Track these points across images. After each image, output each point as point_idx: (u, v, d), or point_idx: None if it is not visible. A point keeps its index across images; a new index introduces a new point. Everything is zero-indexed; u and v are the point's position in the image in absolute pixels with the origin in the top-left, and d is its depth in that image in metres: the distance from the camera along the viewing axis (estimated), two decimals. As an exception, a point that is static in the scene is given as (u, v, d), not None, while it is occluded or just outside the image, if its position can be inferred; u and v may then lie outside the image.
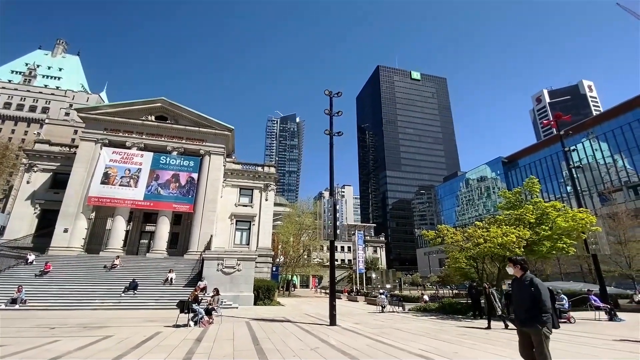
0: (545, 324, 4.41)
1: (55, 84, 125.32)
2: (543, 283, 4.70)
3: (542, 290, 4.58)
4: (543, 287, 4.62)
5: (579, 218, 16.01)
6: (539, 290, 4.57)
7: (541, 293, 4.57)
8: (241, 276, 23.29)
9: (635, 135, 57.29)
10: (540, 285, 4.63)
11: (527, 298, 4.65)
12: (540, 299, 4.54)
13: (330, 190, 15.03)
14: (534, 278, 4.72)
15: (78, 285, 21.96)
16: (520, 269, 4.92)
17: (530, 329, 4.54)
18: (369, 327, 13.16)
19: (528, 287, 4.68)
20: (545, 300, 4.52)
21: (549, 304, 4.51)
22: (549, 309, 4.46)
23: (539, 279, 4.73)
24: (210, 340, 9.56)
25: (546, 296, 4.55)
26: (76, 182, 29.86)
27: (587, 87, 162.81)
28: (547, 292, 4.60)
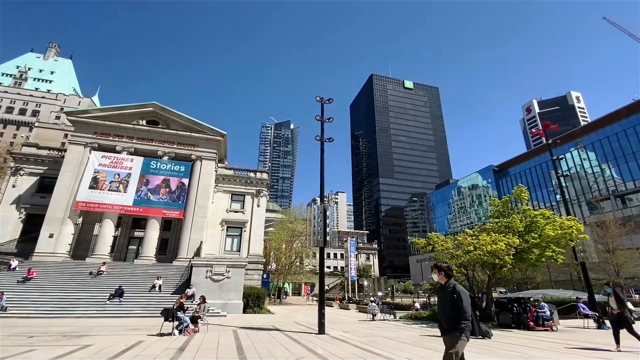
0: (463, 331, 4.27)
1: (46, 87, 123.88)
2: (465, 290, 4.59)
3: (462, 297, 4.45)
4: (464, 294, 4.49)
5: (566, 226, 16.15)
6: (460, 297, 4.44)
7: (462, 300, 4.44)
8: (230, 283, 22.92)
9: (622, 145, 58.59)
10: (462, 292, 4.51)
11: (448, 305, 4.54)
12: (461, 305, 4.41)
13: (321, 196, 14.95)
14: (457, 285, 4.60)
15: (62, 292, 21.35)
16: (444, 276, 4.80)
17: (449, 335, 4.44)
18: (358, 335, 12.99)
19: (450, 294, 4.55)
20: (465, 307, 4.38)
21: (468, 311, 4.37)
22: (468, 317, 4.32)
23: (461, 286, 4.61)
24: (193, 349, 9.29)
25: (467, 303, 4.42)
26: (63, 187, 29.27)
27: (575, 98, 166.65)
28: (467, 299, 4.47)
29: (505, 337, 12.86)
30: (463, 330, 4.28)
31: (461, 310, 4.35)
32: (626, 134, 58.14)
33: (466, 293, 4.53)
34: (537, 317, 14.86)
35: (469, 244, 17.03)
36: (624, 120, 58.88)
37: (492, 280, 18.55)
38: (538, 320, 14.76)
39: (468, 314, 4.32)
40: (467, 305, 4.39)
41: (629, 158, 57.21)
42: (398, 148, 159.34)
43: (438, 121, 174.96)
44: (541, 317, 14.82)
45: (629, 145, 57.42)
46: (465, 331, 4.27)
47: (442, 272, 4.80)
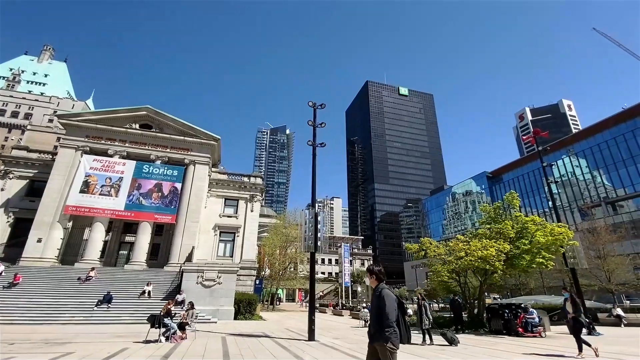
0: (387, 339, 3.93)
1: (40, 90, 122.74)
2: (392, 294, 4.24)
3: (386, 301, 4.11)
4: (388, 298, 4.15)
5: (557, 232, 16.25)
6: (383, 301, 4.11)
7: (385, 305, 4.09)
8: (222, 289, 22.62)
9: (612, 152, 59.50)
10: (387, 296, 4.17)
11: (375, 311, 4.23)
12: (384, 311, 4.06)
13: (312, 200, 14.89)
14: (384, 289, 4.28)
15: (48, 298, 20.88)
16: (375, 279, 4.50)
17: (376, 344, 4.08)
18: (347, 342, 12.85)
19: (377, 298, 4.25)
20: (388, 313, 4.04)
21: (392, 317, 4.03)
22: (391, 323, 3.98)
23: (388, 290, 4.28)
24: (178, 356, 9.10)
25: (390, 308, 4.07)
26: (53, 190, 28.84)
27: (567, 106, 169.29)
28: (392, 304, 4.12)
29: (476, 343, 12.80)
30: (388, 338, 3.93)
31: (384, 316, 4.03)
32: (616, 141, 59.09)
33: (391, 297, 4.20)
34: (526, 323, 14.83)
35: (461, 250, 17.04)
36: (614, 128, 59.89)
37: (484, 286, 18.54)
38: (527, 327, 14.73)
39: (391, 320, 4.00)
40: (391, 311, 4.06)
41: (619, 165, 58.06)
42: (393, 154, 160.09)
43: (432, 127, 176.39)
44: (530, 323, 14.79)
45: (619, 153, 58.33)
46: (390, 339, 3.93)
47: (374, 275, 4.51)
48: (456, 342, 11.71)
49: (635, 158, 55.43)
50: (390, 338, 3.93)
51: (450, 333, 12.15)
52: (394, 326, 4.00)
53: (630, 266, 34.52)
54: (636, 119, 56.21)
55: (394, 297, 4.22)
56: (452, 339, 11.80)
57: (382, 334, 3.97)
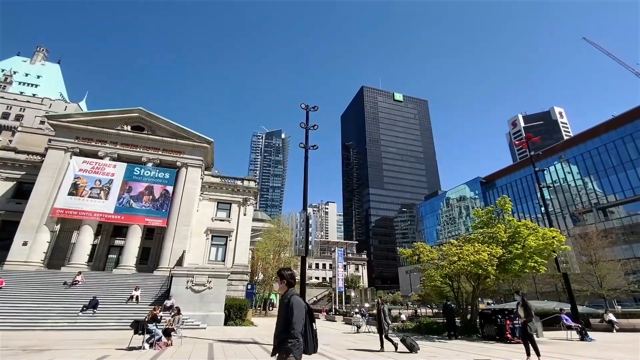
0: (289, 351, 3.58)
1: (32, 91, 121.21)
2: (301, 301, 3.91)
3: (294, 309, 3.78)
4: (297, 306, 3.82)
5: (549, 237, 16.23)
6: (292, 310, 3.77)
7: (293, 313, 3.74)
8: (212, 294, 22.19)
9: (603, 159, 60.34)
10: (295, 303, 3.84)
11: (281, 320, 3.87)
12: (291, 320, 3.72)
13: (304, 204, 14.69)
14: (294, 296, 3.97)
15: (32, 303, 20.26)
16: (285, 285, 4.14)
17: (278, 356, 3.76)
18: (338, 348, 12.57)
19: (285, 307, 3.89)
20: (294, 323, 3.69)
21: (298, 328, 3.69)
22: (297, 333, 3.66)
23: (298, 297, 3.97)
24: (161, 364, 8.77)
25: (298, 317, 3.74)
26: (40, 192, 28.22)
27: (558, 113, 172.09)
28: (300, 313, 3.80)
29: (442, 349, 12.51)
30: (290, 350, 3.58)
31: (290, 326, 3.68)
32: (606, 148, 59.96)
33: (300, 305, 3.87)
34: (513, 328, 14.65)
35: (454, 254, 16.92)
36: (604, 135, 60.82)
37: (477, 291, 18.41)
38: (515, 332, 14.53)
39: (298, 330, 3.67)
40: (298, 320, 3.73)
41: (609, 172, 58.85)
42: (388, 159, 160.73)
43: (427, 133, 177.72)
44: (517, 328, 14.60)
45: (609, 159, 59.16)
46: (292, 351, 3.57)
47: (284, 280, 4.15)
48: (416, 348, 11.23)
49: (625, 164, 56.26)
50: (291, 350, 3.59)
51: (410, 339, 11.59)
52: (299, 337, 3.68)
53: (621, 271, 34.78)
54: (626, 126, 57.15)
55: (304, 305, 3.93)
56: (411, 345, 11.31)
57: (284, 345, 3.64)
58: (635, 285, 38.18)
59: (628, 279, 35.75)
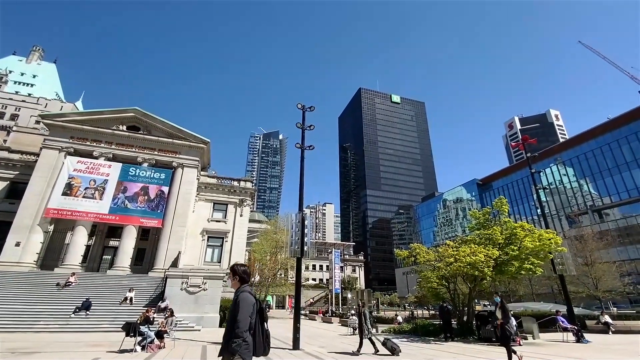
0: (234, 352, 3.29)
1: (27, 90, 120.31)
2: (250, 298, 3.59)
3: (241, 306, 3.47)
4: (244, 302, 3.51)
5: (545, 238, 16.20)
6: (238, 307, 3.49)
7: (239, 310, 3.46)
8: (207, 296, 21.97)
9: (598, 161, 60.74)
10: (243, 300, 3.53)
11: (229, 318, 3.59)
12: (236, 318, 3.44)
13: (300, 204, 14.58)
14: (243, 292, 3.64)
15: (23, 305, 19.93)
16: (238, 281, 3.82)
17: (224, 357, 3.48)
18: (333, 350, 12.44)
19: (233, 303, 3.60)
20: (239, 321, 3.41)
21: (244, 326, 3.40)
22: (242, 332, 3.36)
23: (248, 293, 3.64)
24: (152, 367, 8.61)
25: (243, 315, 3.44)
26: (34, 192, 27.89)
27: (554, 115, 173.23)
28: (247, 309, 3.49)
29: (439, 352, 12.38)
30: (234, 351, 3.29)
31: (235, 325, 3.39)
32: (602, 150, 60.37)
33: (248, 301, 3.56)
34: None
35: (450, 256, 16.85)
36: (600, 137, 61.25)
37: (473, 293, 18.34)
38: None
39: (244, 328, 3.39)
40: (244, 318, 3.44)
41: (604, 174, 59.24)
42: (385, 160, 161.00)
43: (424, 135, 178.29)
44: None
45: (604, 162, 59.57)
46: (237, 351, 3.27)
47: (237, 276, 3.83)
48: (397, 351, 11.07)
49: (620, 167, 56.65)
50: (237, 350, 3.29)
51: (391, 342, 11.41)
52: (245, 336, 3.39)
53: (616, 273, 34.87)
54: (621, 129, 57.58)
55: (252, 302, 3.63)
56: (392, 348, 11.14)
57: (229, 346, 3.36)
58: (630, 287, 38.35)
59: (623, 280, 35.86)
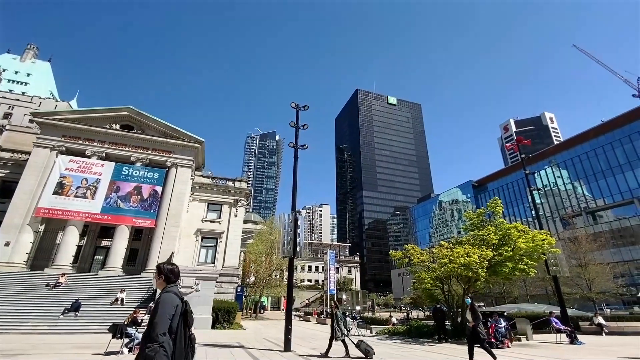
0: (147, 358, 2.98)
1: (21, 89, 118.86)
2: (173, 298, 3.31)
3: (160, 307, 3.18)
4: (164, 304, 3.22)
5: (539, 239, 16.18)
6: (156, 307, 3.20)
7: (157, 312, 3.16)
8: (199, 297, 21.65)
9: (592, 163, 61.20)
10: (163, 300, 3.25)
11: (149, 320, 3.26)
12: (152, 321, 3.13)
13: (293, 204, 14.42)
14: (166, 292, 3.37)
15: (11, 306, 19.54)
16: (164, 280, 3.52)
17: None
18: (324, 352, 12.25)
19: (154, 304, 3.32)
20: (156, 324, 3.10)
21: (161, 329, 3.08)
22: (158, 336, 3.04)
23: (171, 293, 3.37)
24: (138, 369, 8.38)
25: (162, 317, 3.14)
26: (24, 191, 27.46)
27: (549, 118, 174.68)
28: (167, 311, 3.18)
29: (431, 353, 12.24)
30: (149, 357, 2.97)
31: (151, 328, 3.10)
32: (595, 153, 60.84)
33: (169, 302, 3.26)
34: (496, 332, 14.40)
35: (444, 257, 16.77)
36: (593, 140, 61.74)
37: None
38: (498, 336, 14.27)
39: (159, 331, 3.06)
40: (162, 320, 3.12)
41: (598, 176, 59.70)
42: (381, 162, 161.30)
43: (420, 136, 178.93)
44: (500, 332, 14.38)
45: (598, 164, 60.03)
46: (154, 358, 2.96)
47: (162, 275, 3.54)
48: (371, 354, 10.70)
49: (614, 169, 57.12)
50: (152, 356, 2.97)
51: (365, 344, 11.05)
52: (162, 341, 3.04)
53: (610, 275, 35.11)
54: (614, 132, 58.09)
55: (175, 303, 3.31)
56: (366, 350, 10.80)
57: (143, 351, 3.05)
58: (623, 289, 38.62)
59: (617, 282, 36.12)
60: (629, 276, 47.24)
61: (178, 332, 3.25)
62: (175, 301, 3.30)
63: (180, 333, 3.26)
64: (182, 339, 3.27)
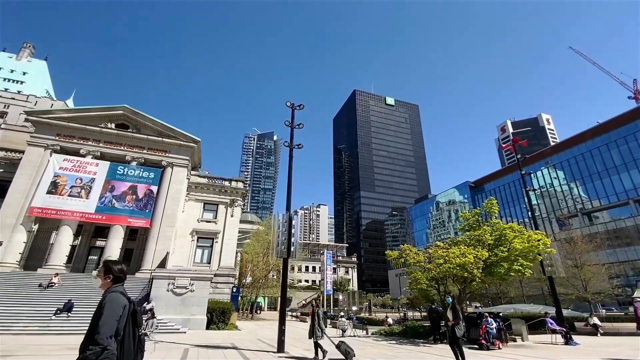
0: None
1: (17, 88, 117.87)
2: (120, 298, 3.11)
3: (106, 309, 2.95)
4: (111, 304, 3.01)
5: (534, 239, 16.17)
6: (102, 308, 2.97)
7: (103, 313, 2.93)
8: (194, 297, 21.53)
9: (588, 164, 61.50)
10: (111, 300, 3.04)
11: (91, 322, 3.03)
12: (98, 322, 2.90)
13: (287, 203, 14.31)
14: (113, 292, 3.15)
15: (3, 306, 19.23)
16: (111, 280, 3.30)
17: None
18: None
19: (98, 305, 3.08)
20: (101, 326, 2.86)
21: (106, 331, 2.85)
22: (102, 339, 2.81)
23: (119, 294, 3.15)
24: (127, 371, 8.23)
25: (108, 318, 2.92)
26: (17, 190, 27.15)
27: (546, 120, 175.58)
28: (114, 312, 2.97)
29: (423, 353, 12.10)
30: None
31: (97, 329, 2.86)
32: (591, 154, 61.15)
33: (118, 303, 3.05)
34: (487, 333, 14.30)
35: (440, 257, 16.72)
36: (589, 141, 62.05)
37: (462, 295, 18.23)
38: (488, 337, 14.16)
39: (106, 334, 2.83)
40: (108, 322, 2.90)
41: (594, 177, 59.99)
42: (379, 162, 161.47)
43: (418, 137, 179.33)
44: (490, 334, 14.27)
45: (594, 165, 60.33)
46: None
47: (111, 275, 3.31)
48: (351, 355, 10.33)
49: (609, 170, 57.42)
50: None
51: (345, 345, 10.66)
52: (107, 343, 2.81)
53: (605, 275, 35.20)
54: (610, 133, 58.40)
55: (123, 303, 3.12)
56: (346, 352, 10.41)
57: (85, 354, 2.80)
58: (619, 289, 38.74)
59: (612, 282, 36.21)
60: (625, 277, 47.43)
61: (126, 333, 3.11)
62: (122, 301, 3.13)
63: (128, 335, 3.12)
64: (130, 341, 3.13)
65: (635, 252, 48.98)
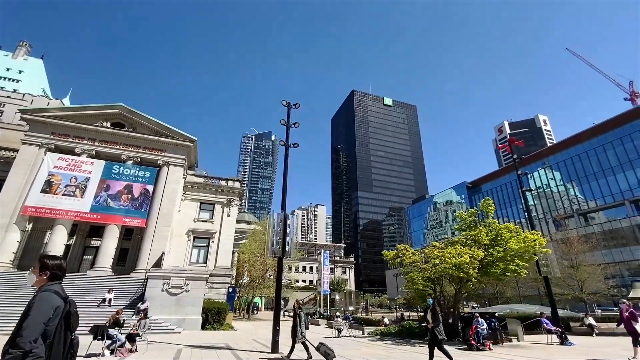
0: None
1: (13, 86, 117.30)
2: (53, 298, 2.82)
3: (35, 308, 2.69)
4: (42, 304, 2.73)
5: (530, 239, 16.16)
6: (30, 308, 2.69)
7: (28, 315, 2.64)
8: (189, 297, 21.38)
9: (584, 165, 61.78)
10: (41, 299, 2.77)
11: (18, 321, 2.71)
12: (21, 324, 2.61)
13: (282, 203, 14.23)
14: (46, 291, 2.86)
15: (-6, 307, 19.10)
16: (47, 278, 3.03)
17: None
18: (313, 354, 12.06)
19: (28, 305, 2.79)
20: (26, 327, 2.58)
21: (30, 334, 2.56)
22: (25, 342, 2.51)
23: (51, 293, 2.86)
24: (117, 372, 8.12)
25: (36, 319, 2.64)
26: (11, 189, 26.90)
27: (543, 121, 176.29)
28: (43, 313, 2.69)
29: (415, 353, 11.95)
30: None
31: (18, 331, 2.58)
32: (587, 155, 61.44)
33: (48, 303, 2.76)
34: (478, 334, 14.21)
35: (436, 257, 16.68)
36: (586, 142, 62.34)
37: (458, 295, 18.19)
38: (479, 338, 14.07)
39: (30, 337, 2.55)
40: (36, 323, 2.62)
41: (590, 178, 60.27)
42: (377, 162, 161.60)
43: (415, 138, 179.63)
44: (481, 334, 14.19)
45: (590, 166, 60.60)
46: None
47: (47, 271, 3.04)
48: (331, 356, 10.23)
49: (605, 171, 57.70)
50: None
51: (325, 347, 10.57)
52: (30, 347, 2.50)
53: (601, 276, 35.33)
54: (606, 134, 58.69)
55: (56, 304, 2.82)
56: (326, 353, 10.34)
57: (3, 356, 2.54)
58: (614, 290, 38.89)
59: (608, 283, 36.35)
60: (620, 277, 47.65)
61: (56, 336, 2.80)
62: (55, 302, 2.83)
63: (58, 338, 2.82)
64: (60, 345, 2.82)
65: (631, 253, 49.22)
